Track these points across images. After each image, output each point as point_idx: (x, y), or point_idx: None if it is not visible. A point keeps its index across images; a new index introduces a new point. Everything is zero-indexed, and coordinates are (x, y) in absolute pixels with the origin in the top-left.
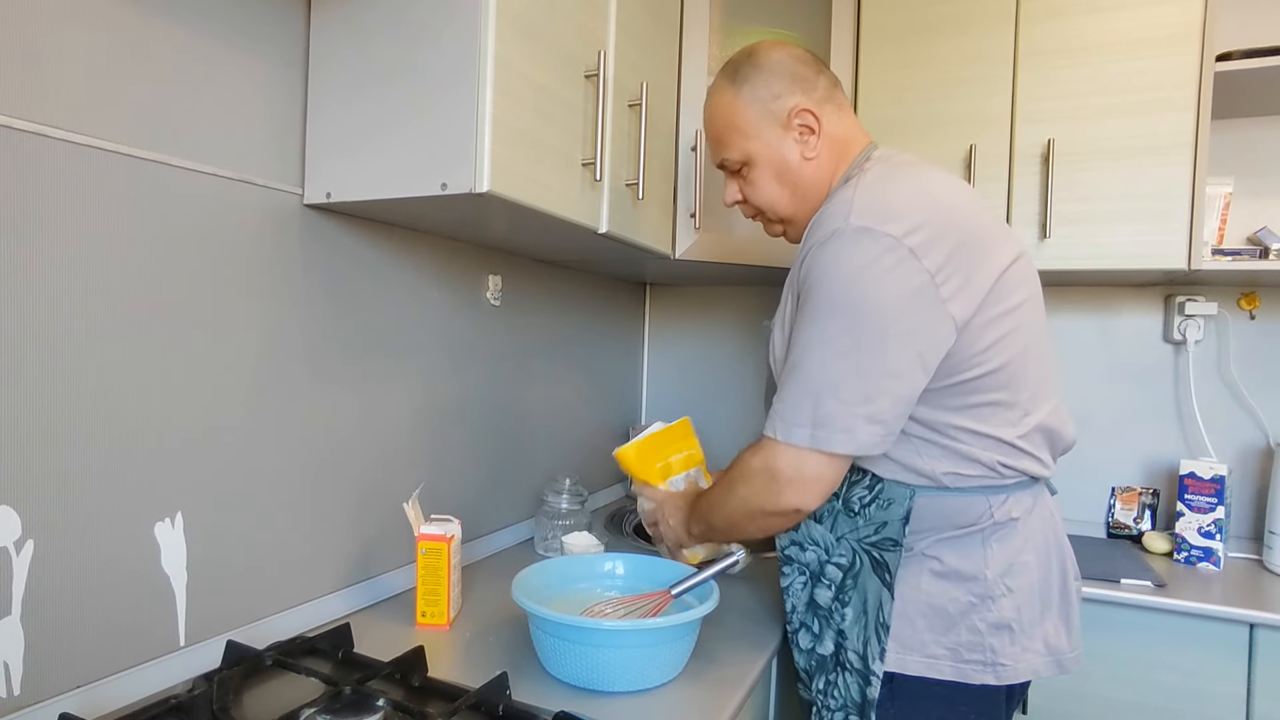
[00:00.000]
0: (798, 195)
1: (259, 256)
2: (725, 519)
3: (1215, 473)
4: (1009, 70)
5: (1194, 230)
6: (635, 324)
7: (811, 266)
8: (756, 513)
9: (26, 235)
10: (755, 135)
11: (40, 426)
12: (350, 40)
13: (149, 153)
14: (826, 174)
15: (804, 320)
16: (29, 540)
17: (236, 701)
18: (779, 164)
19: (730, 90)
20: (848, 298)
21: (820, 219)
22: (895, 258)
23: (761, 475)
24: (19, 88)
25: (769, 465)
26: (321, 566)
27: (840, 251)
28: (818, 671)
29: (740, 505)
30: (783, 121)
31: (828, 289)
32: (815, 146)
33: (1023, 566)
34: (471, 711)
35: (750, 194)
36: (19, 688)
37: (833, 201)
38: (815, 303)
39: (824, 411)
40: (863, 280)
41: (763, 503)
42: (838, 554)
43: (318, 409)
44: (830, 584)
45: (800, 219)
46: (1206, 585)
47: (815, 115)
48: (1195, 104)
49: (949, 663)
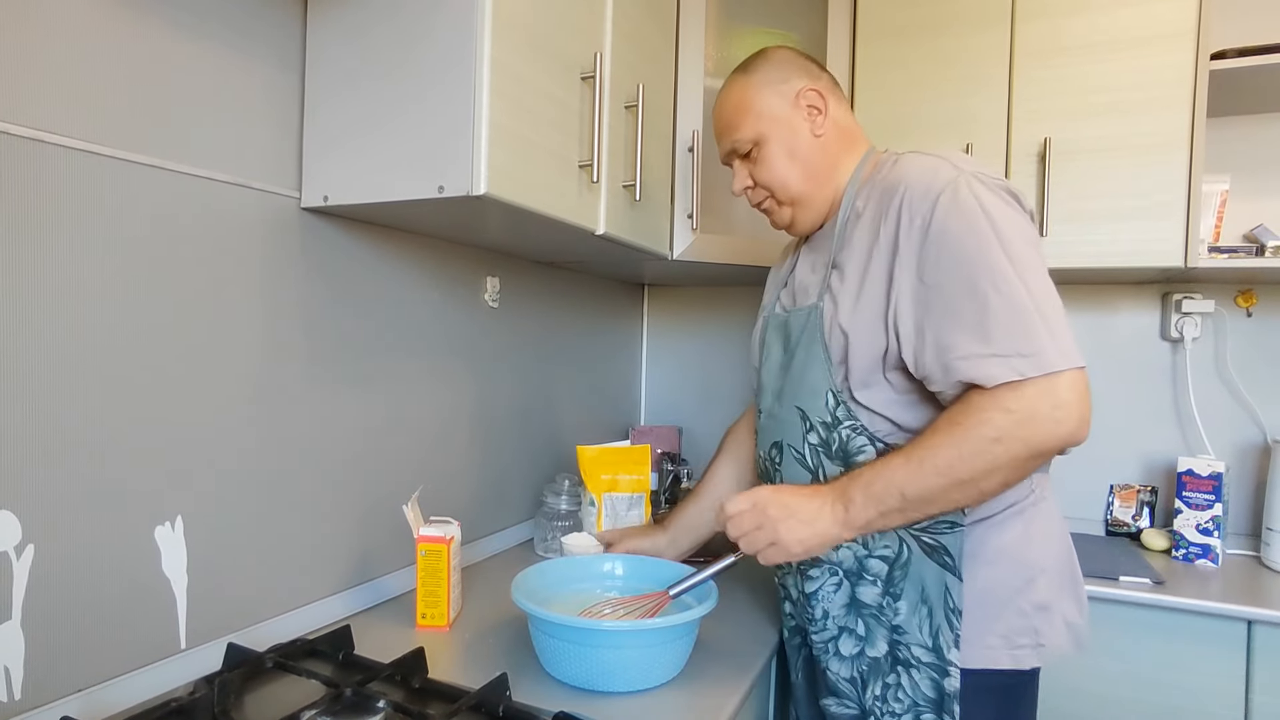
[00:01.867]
0: (808, 173)
1: (256, 260)
2: (953, 476)
3: (1213, 470)
4: (1005, 69)
5: (1191, 228)
6: (633, 325)
7: (944, 214)
8: (1026, 454)
9: (24, 240)
10: (766, 113)
11: (40, 431)
12: (346, 44)
13: (146, 157)
14: (834, 156)
15: (964, 257)
16: (29, 545)
17: (238, 704)
18: (790, 139)
19: (741, 78)
20: (1006, 224)
21: (907, 182)
22: (1015, 201)
23: (1030, 402)
24: (15, 93)
25: (1045, 392)
26: (321, 569)
27: (973, 190)
28: (871, 677)
29: (998, 450)
30: (791, 100)
31: (977, 221)
32: (823, 125)
33: (1051, 542)
34: (472, 712)
35: (760, 174)
36: (20, 692)
37: (907, 169)
38: (973, 239)
39: (1054, 327)
40: (1007, 210)
41: (1039, 436)
42: (880, 546)
43: (317, 412)
44: (875, 579)
45: (810, 200)
46: (1205, 582)
47: (821, 95)
48: (1191, 102)
49: (1005, 650)
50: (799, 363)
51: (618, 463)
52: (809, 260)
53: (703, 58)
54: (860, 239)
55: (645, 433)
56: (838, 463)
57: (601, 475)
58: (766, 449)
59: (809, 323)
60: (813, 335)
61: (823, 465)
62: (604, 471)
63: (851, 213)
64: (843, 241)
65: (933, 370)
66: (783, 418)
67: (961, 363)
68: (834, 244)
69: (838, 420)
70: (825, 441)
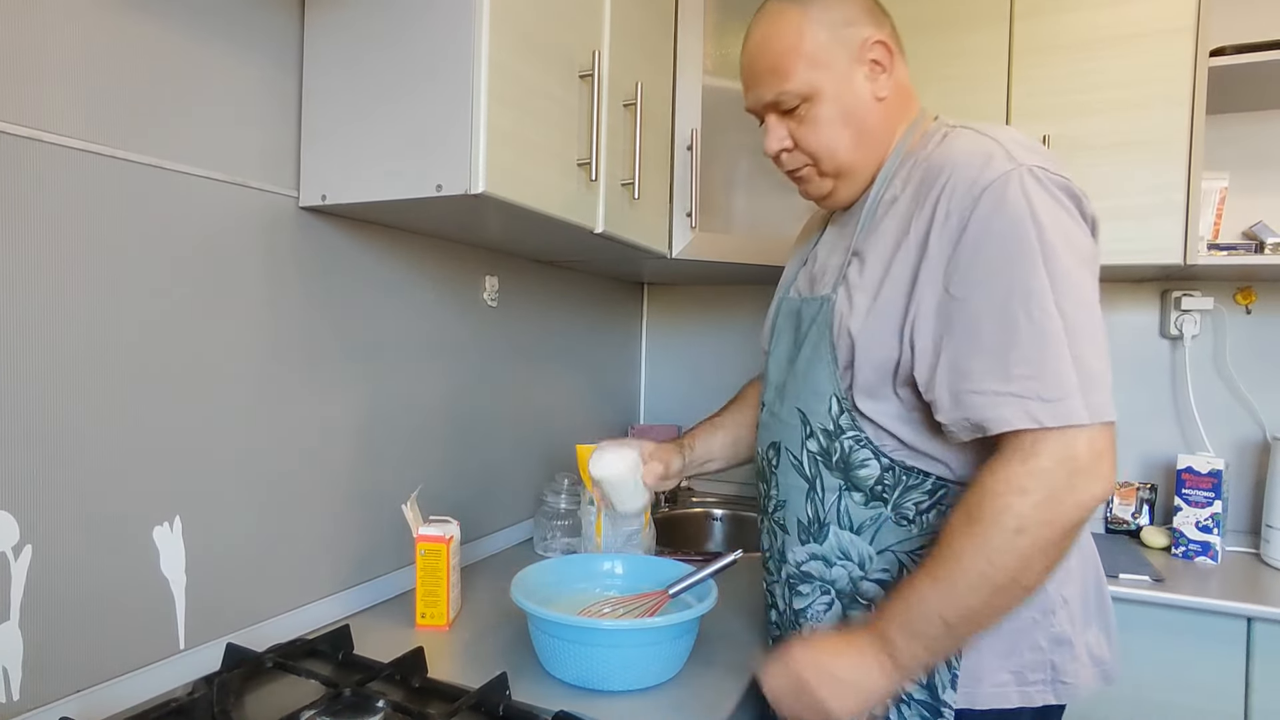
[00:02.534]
0: (861, 141)
1: (255, 259)
2: (989, 585)
3: (1212, 467)
4: (1004, 67)
5: (1190, 225)
6: (633, 324)
7: (985, 214)
8: (1057, 536)
9: (22, 240)
10: (824, 64)
11: (37, 431)
12: (344, 43)
13: (144, 157)
14: (892, 122)
15: (998, 270)
16: (27, 545)
17: (237, 704)
18: (848, 100)
19: (795, 10)
20: (1056, 235)
21: (951, 169)
22: (1074, 205)
23: (1047, 478)
24: (13, 93)
25: (1062, 459)
26: (320, 568)
27: (1025, 189)
28: None
29: (1024, 542)
30: (855, 52)
31: (1022, 228)
32: (886, 86)
33: (1070, 573)
34: (472, 712)
35: (805, 137)
36: (18, 693)
37: (954, 151)
38: (1012, 249)
39: (1089, 372)
40: (1061, 217)
41: (1064, 514)
42: (876, 569)
43: (315, 411)
44: (869, 604)
45: (857, 171)
46: (1204, 579)
47: (889, 49)
48: (1190, 99)
49: (1014, 688)
50: (804, 359)
51: None
52: (832, 240)
53: (701, 56)
54: (889, 228)
55: (644, 431)
56: (837, 474)
57: None
58: (764, 448)
59: (819, 316)
60: (821, 331)
61: (821, 475)
62: None
63: (886, 192)
64: (870, 226)
65: (942, 397)
66: (783, 418)
67: (974, 397)
68: (859, 227)
69: (840, 429)
70: (825, 450)
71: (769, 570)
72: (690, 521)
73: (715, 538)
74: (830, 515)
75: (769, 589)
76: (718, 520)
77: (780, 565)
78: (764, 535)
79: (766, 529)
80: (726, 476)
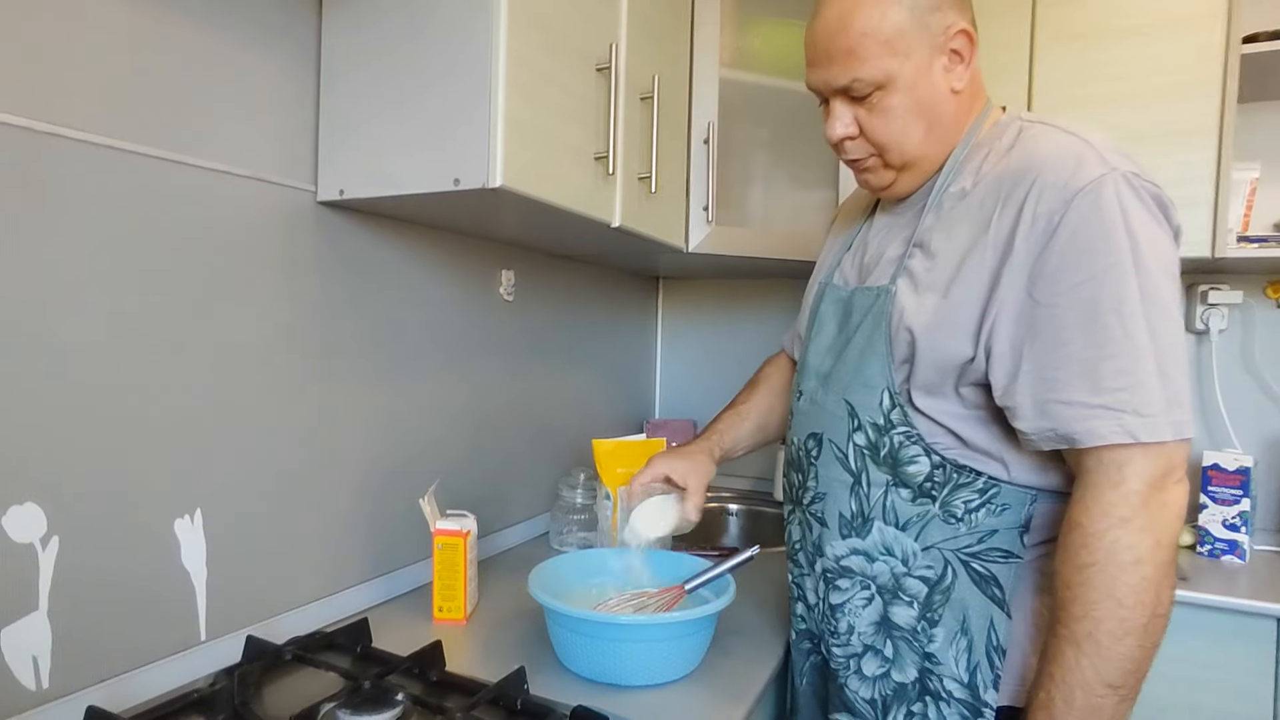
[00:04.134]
0: (931, 135)
1: (274, 254)
2: (1133, 626)
3: (1240, 464)
4: (1026, 56)
5: (1219, 217)
6: (648, 318)
7: (1079, 220)
8: (1169, 555)
9: (45, 235)
10: (904, 51)
11: (62, 425)
12: (361, 37)
13: (164, 152)
14: (964, 114)
15: (1091, 278)
16: (54, 536)
17: (257, 696)
18: (923, 92)
19: None
20: (1150, 247)
21: (1040, 169)
22: (1163, 216)
23: (1142, 500)
24: (36, 89)
25: (1151, 477)
26: (338, 562)
27: (1119, 196)
28: (895, 702)
29: (1148, 572)
30: (937, 41)
31: (1116, 237)
32: (963, 78)
33: None
34: (490, 706)
35: (875, 127)
36: (48, 680)
37: (1042, 150)
38: (1106, 258)
39: (1175, 388)
40: (1153, 228)
41: (1169, 531)
42: (920, 566)
43: (333, 405)
44: (912, 600)
45: (924, 165)
46: (1231, 578)
47: (971, 40)
48: (1220, 87)
49: None
50: (855, 351)
51: (633, 456)
52: (887, 228)
53: (718, 49)
54: (963, 224)
55: (660, 426)
56: (885, 469)
57: (617, 469)
58: (803, 438)
59: (874, 308)
60: (876, 323)
61: (867, 470)
62: (619, 465)
63: (953, 185)
64: (936, 218)
65: (1023, 406)
66: (828, 408)
67: (1063, 409)
68: (923, 218)
69: (891, 424)
70: (874, 445)
71: (798, 563)
72: (706, 516)
73: (731, 532)
74: (875, 510)
75: (796, 582)
76: (733, 515)
77: (815, 558)
78: (795, 526)
79: (799, 520)
80: (742, 470)
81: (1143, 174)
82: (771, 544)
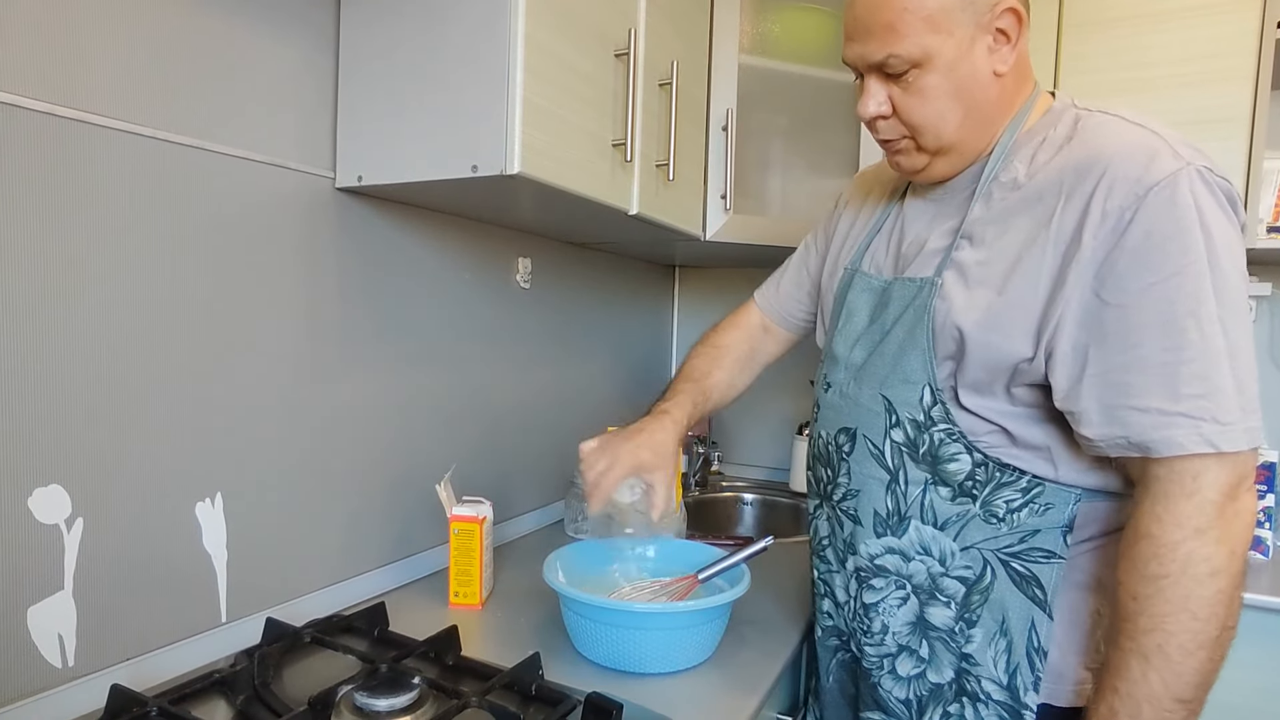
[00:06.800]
0: (970, 119)
1: (292, 240)
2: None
3: (1265, 460)
4: (1052, 42)
5: (1249, 207)
6: (664, 306)
7: (1152, 217)
8: (1242, 566)
9: (70, 221)
10: (946, 29)
11: (86, 409)
12: (380, 23)
13: (186, 138)
14: (1008, 99)
15: (1164, 278)
16: (79, 518)
17: (276, 677)
18: (963, 73)
19: None
20: (1224, 246)
21: (1110, 161)
22: (1234, 212)
23: (1218, 510)
24: (61, 76)
25: (1224, 486)
26: (356, 546)
27: (1194, 192)
28: (932, 702)
29: (1223, 584)
30: (982, 19)
31: (1192, 236)
32: (1008, 60)
33: None
34: (505, 691)
35: (909, 107)
36: (74, 658)
37: (1110, 142)
38: (1181, 258)
39: (1248, 395)
40: (1226, 227)
41: (1242, 542)
42: (958, 566)
43: (352, 391)
44: (949, 601)
45: (961, 150)
46: (1256, 575)
47: (1020, 19)
48: (1254, 74)
49: (1093, 685)
50: (894, 344)
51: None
52: (927, 216)
53: (738, 34)
54: (1019, 216)
55: None
56: (924, 467)
57: None
58: (833, 432)
59: (916, 301)
60: (918, 316)
61: (905, 467)
62: None
63: (1003, 173)
64: (986, 209)
65: (1089, 411)
66: (862, 403)
67: (1137, 415)
68: (970, 208)
69: (932, 421)
70: (912, 441)
71: (825, 559)
72: (720, 506)
73: (745, 522)
74: (913, 509)
75: (824, 579)
76: (748, 505)
77: (846, 556)
78: (823, 522)
79: (828, 516)
80: (757, 460)
81: (1215, 168)
82: (785, 535)
